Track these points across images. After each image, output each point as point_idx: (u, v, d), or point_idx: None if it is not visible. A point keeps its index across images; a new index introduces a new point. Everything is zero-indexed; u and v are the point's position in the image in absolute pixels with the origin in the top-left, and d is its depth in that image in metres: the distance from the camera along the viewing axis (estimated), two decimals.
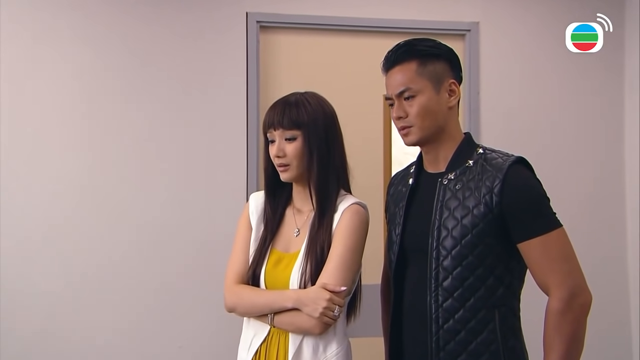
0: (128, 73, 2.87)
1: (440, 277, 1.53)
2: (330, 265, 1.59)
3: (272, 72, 3.02)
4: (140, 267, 2.85)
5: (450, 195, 1.55)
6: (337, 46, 3.09)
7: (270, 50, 3.02)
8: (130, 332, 2.83)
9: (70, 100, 2.84)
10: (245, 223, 1.74)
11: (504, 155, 1.56)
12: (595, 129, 3.21)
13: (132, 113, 2.88)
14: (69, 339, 2.77)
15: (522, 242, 1.49)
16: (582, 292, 1.47)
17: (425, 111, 1.56)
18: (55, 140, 2.82)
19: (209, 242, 2.87)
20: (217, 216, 2.88)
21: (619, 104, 3.18)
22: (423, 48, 1.58)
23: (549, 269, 1.47)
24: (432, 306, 1.53)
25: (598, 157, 3.20)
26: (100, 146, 2.85)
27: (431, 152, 1.63)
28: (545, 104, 3.19)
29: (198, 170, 2.91)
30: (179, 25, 2.92)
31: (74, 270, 2.79)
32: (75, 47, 2.85)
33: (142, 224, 2.86)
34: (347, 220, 1.63)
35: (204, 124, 2.93)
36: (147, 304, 2.85)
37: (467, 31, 3.13)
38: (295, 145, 1.65)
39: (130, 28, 2.89)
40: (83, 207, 2.82)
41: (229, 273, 1.70)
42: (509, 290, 1.54)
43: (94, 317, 2.80)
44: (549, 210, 1.51)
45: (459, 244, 1.51)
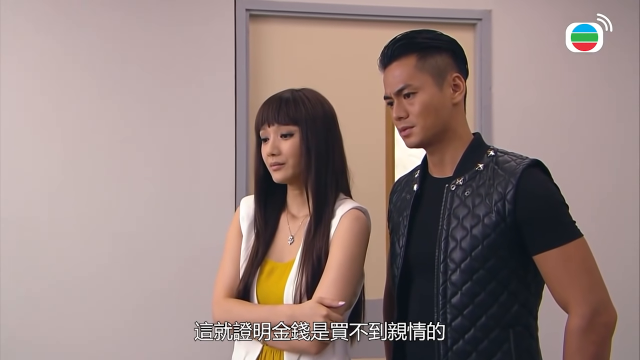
0: (102, 67, 2.87)
1: (448, 293, 1.52)
2: (327, 277, 1.59)
3: (263, 66, 3.02)
4: (118, 282, 2.84)
5: (458, 203, 1.55)
6: (336, 37, 3.09)
7: (261, 42, 3.03)
8: (107, 353, 2.82)
9: (36, 97, 2.83)
10: (236, 231, 1.75)
11: (517, 158, 1.56)
12: (617, 128, 3.25)
13: (107, 112, 2.88)
14: (44, 347, 2.76)
15: (539, 254, 1.49)
16: (606, 309, 1.47)
17: (427, 109, 1.56)
18: (20, 142, 2.82)
19: (193, 253, 2.87)
20: (203, 224, 2.89)
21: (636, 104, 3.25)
22: (422, 40, 1.59)
23: (569, 284, 1.47)
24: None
25: (617, 159, 3.24)
26: (72, 148, 2.85)
27: (436, 155, 1.63)
28: (565, 101, 3.20)
29: (181, 174, 2.91)
30: (159, 14, 2.92)
31: (46, 283, 2.79)
32: (39, 36, 2.82)
33: (120, 233, 2.86)
34: (346, 226, 1.63)
35: (187, 124, 2.93)
36: (127, 320, 2.84)
37: (478, 20, 3.14)
38: (292, 143, 1.66)
39: (103, 16, 2.88)
40: (54, 214, 2.82)
41: (218, 286, 1.70)
42: (525, 308, 1.53)
43: (68, 333, 2.79)
44: (567, 218, 1.50)
45: (468, 257, 1.51)
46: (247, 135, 2.92)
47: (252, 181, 1.83)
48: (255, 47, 3.01)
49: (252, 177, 1.79)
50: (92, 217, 2.84)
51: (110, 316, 2.83)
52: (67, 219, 2.83)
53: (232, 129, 2.94)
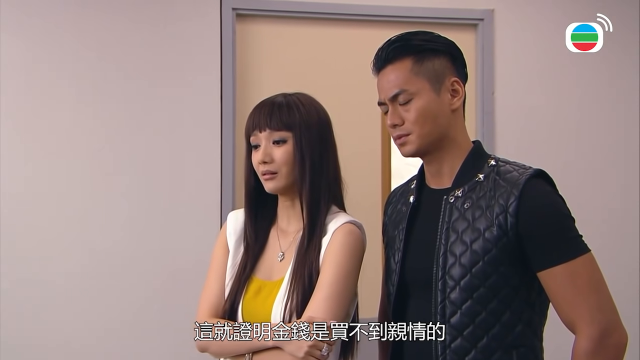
0: (75, 69, 2.87)
1: (447, 313, 1.52)
2: (318, 295, 1.59)
3: (251, 69, 3.02)
4: (93, 303, 2.83)
5: (457, 216, 1.55)
6: (329, 39, 3.10)
7: (249, 43, 3.03)
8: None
9: (8, 101, 2.82)
10: (222, 247, 1.75)
11: (520, 168, 1.56)
12: (627, 133, 3.27)
13: (82, 117, 2.87)
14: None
15: (543, 270, 1.49)
16: (616, 330, 1.47)
17: (424, 116, 1.56)
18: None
19: (175, 269, 2.87)
20: (186, 238, 2.88)
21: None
22: (418, 42, 1.59)
23: (576, 303, 1.47)
24: (438, 347, 1.53)
25: (620, 161, 3.27)
26: (43, 156, 2.84)
27: (434, 164, 1.63)
28: (572, 107, 3.22)
29: (163, 184, 2.91)
30: (138, 12, 2.93)
31: (13, 301, 2.77)
32: (10, 36, 2.81)
33: (95, 249, 2.85)
34: (339, 241, 1.63)
35: (169, 130, 2.93)
36: (106, 345, 2.82)
37: (480, 20, 3.15)
38: (285, 149, 1.66)
39: (81, 15, 2.88)
40: (22, 229, 2.80)
41: (202, 306, 1.70)
42: (529, 328, 1.53)
43: (40, 356, 2.78)
44: (573, 232, 1.51)
45: (468, 273, 1.51)
46: (234, 142, 2.92)
47: (239, 191, 1.84)
48: (243, 49, 3.02)
49: (240, 187, 1.80)
50: (64, 232, 2.83)
51: (82, 339, 2.81)
52: (37, 233, 2.82)
53: (217, 136, 2.94)
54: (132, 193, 2.89)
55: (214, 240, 1.80)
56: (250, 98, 2.61)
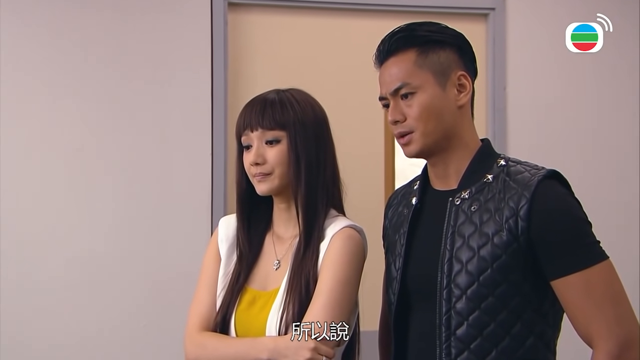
0: (55, 62, 2.88)
1: (452, 324, 1.52)
2: (316, 304, 1.59)
3: (244, 62, 3.03)
4: (74, 315, 2.83)
5: (464, 219, 1.55)
6: (328, 30, 3.11)
7: (241, 34, 3.04)
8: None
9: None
10: (213, 255, 1.75)
11: (532, 169, 1.56)
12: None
13: (62, 114, 2.88)
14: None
15: (557, 279, 1.48)
16: (636, 344, 1.47)
17: (427, 111, 1.56)
18: None
19: (164, 278, 2.88)
20: (175, 244, 2.89)
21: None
22: (423, 33, 1.59)
23: (593, 314, 1.47)
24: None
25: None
26: (23, 158, 2.84)
27: (439, 165, 1.63)
28: (588, 103, 3.23)
29: (150, 187, 2.92)
30: (124, 1, 2.92)
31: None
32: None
33: (77, 257, 2.85)
34: (338, 247, 1.64)
35: (157, 128, 2.93)
36: (91, 352, 2.83)
37: (491, 10, 3.16)
38: (278, 150, 1.66)
39: (58, 4, 2.88)
40: (9, 229, 2.81)
41: (192, 318, 1.70)
42: (542, 341, 1.53)
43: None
44: (590, 238, 1.50)
45: (476, 282, 1.51)
46: (226, 142, 2.93)
47: (231, 194, 1.84)
48: (235, 40, 3.02)
49: (232, 190, 1.80)
50: (45, 238, 2.84)
51: (64, 348, 2.81)
52: (19, 236, 2.82)
53: (208, 134, 2.94)
54: (118, 196, 2.90)
55: (204, 247, 1.80)
56: (243, 94, 2.62)
